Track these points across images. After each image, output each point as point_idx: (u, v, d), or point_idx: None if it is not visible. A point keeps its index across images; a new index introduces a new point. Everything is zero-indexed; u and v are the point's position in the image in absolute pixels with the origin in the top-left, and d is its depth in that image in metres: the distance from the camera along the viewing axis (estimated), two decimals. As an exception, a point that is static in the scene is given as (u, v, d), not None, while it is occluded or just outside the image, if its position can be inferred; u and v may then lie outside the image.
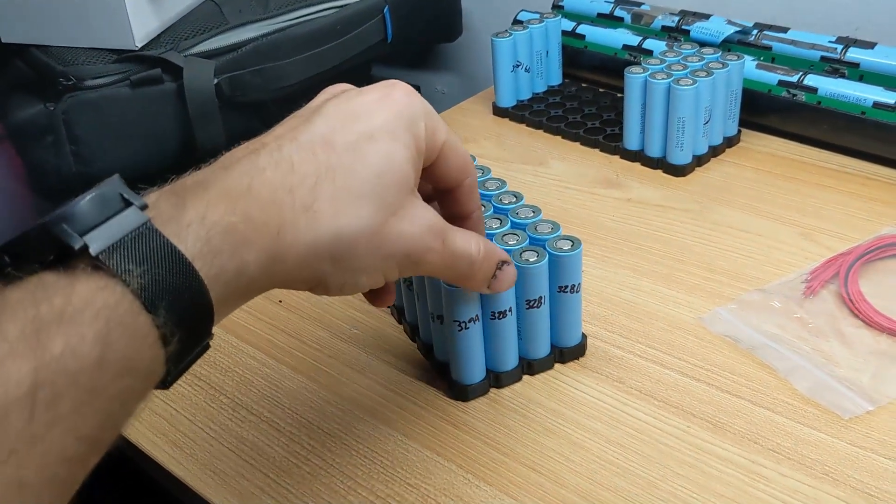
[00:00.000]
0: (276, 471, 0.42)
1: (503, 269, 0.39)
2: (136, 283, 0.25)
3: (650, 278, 0.53)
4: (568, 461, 0.41)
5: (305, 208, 0.30)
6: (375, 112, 0.33)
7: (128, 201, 0.27)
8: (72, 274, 0.25)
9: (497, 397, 0.45)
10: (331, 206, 0.31)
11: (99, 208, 0.27)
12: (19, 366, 0.23)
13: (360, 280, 0.33)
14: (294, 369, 0.48)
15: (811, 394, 0.44)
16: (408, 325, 0.50)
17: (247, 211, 0.29)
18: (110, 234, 0.26)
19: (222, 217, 0.28)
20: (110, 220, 0.26)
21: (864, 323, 0.48)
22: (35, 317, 0.24)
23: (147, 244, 0.26)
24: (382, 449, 0.43)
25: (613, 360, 0.47)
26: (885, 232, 0.55)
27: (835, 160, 0.64)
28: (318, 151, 0.32)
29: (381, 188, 0.32)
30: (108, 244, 0.26)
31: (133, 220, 0.27)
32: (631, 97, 0.63)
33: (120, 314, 0.25)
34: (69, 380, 0.24)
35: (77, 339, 0.24)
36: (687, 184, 0.63)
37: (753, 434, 0.42)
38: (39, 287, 0.25)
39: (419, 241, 0.34)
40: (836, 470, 0.39)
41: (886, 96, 0.60)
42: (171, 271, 0.26)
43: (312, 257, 0.31)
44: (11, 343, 0.23)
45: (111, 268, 0.25)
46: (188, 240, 0.27)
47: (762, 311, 0.49)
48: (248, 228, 0.29)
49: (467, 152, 0.37)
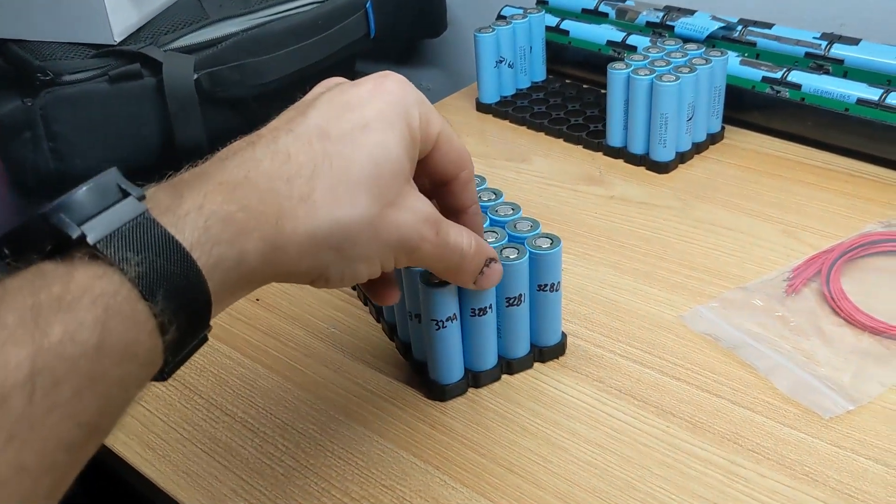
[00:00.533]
0: (249, 472, 0.41)
1: (490, 266, 0.39)
2: (133, 272, 0.26)
3: (631, 276, 0.53)
4: (546, 462, 0.41)
5: (303, 198, 0.31)
6: (369, 102, 0.33)
7: (125, 192, 0.28)
8: (70, 263, 0.25)
9: (475, 397, 0.45)
10: (329, 195, 0.31)
11: (96, 198, 0.27)
12: (18, 351, 0.23)
13: (359, 269, 0.33)
14: (270, 369, 0.48)
15: (792, 393, 0.43)
16: (386, 324, 0.49)
17: (244, 200, 0.29)
18: (108, 223, 0.26)
19: (220, 206, 0.29)
20: (108, 209, 0.27)
21: (846, 321, 0.47)
22: (34, 304, 0.24)
23: (144, 233, 0.27)
24: (358, 450, 0.42)
25: (593, 358, 0.47)
26: (867, 229, 0.54)
27: (818, 157, 0.64)
28: (314, 141, 0.32)
29: (378, 177, 0.32)
30: (105, 233, 0.26)
31: (131, 210, 0.27)
32: (614, 94, 0.63)
33: (118, 302, 0.25)
34: (68, 365, 0.24)
35: (76, 326, 0.24)
36: (670, 181, 0.63)
37: (733, 434, 0.41)
38: (38, 276, 0.25)
39: (414, 230, 0.34)
40: (815, 470, 0.39)
41: (870, 93, 0.60)
42: (169, 260, 0.27)
43: (313, 246, 0.31)
44: (10, 329, 0.23)
45: (109, 256, 0.26)
46: (185, 229, 0.28)
47: (743, 310, 0.49)
48: (247, 217, 0.29)
49: (463, 145, 0.37)
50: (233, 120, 0.74)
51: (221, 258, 0.28)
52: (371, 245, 0.33)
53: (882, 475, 0.38)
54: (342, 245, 0.32)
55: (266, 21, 0.75)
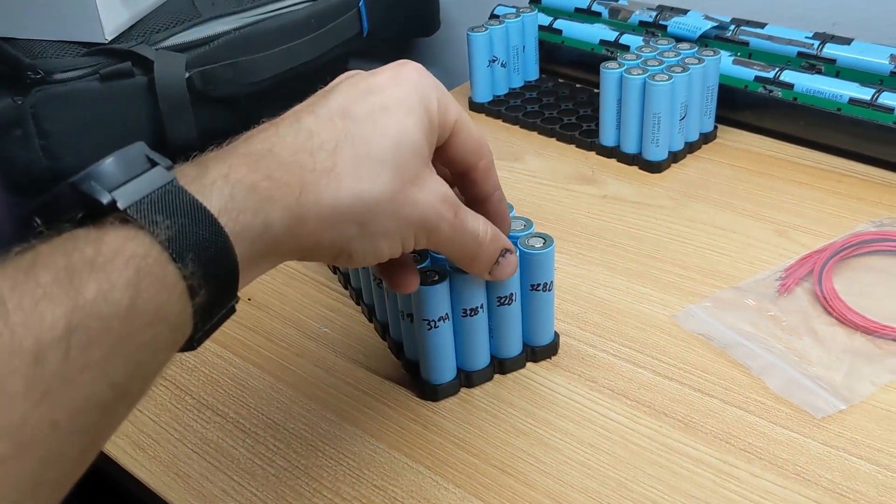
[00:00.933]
0: (241, 472, 0.41)
1: (506, 256, 0.40)
2: (163, 234, 0.26)
3: (624, 276, 0.53)
4: (538, 462, 0.41)
5: (326, 170, 0.31)
6: (389, 87, 0.34)
7: (153, 161, 0.28)
8: (101, 228, 0.26)
9: (468, 397, 0.45)
10: (351, 170, 0.32)
11: (124, 167, 0.27)
12: (54, 308, 0.23)
13: (381, 245, 0.34)
14: (261, 368, 0.48)
15: (784, 393, 0.43)
16: (378, 323, 0.49)
17: (268, 171, 0.30)
18: (137, 190, 0.27)
19: (245, 176, 0.29)
20: (137, 177, 0.27)
21: (838, 321, 0.47)
22: (67, 265, 0.24)
23: (173, 200, 0.27)
24: (349, 450, 0.42)
25: (586, 358, 0.47)
26: (860, 229, 0.54)
27: (811, 156, 0.64)
28: (337, 120, 0.33)
29: (398, 156, 0.33)
30: (135, 199, 0.27)
31: (159, 178, 0.28)
32: (606, 93, 0.63)
33: (149, 264, 0.26)
34: (102, 324, 0.24)
35: (108, 286, 0.24)
36: (663, 180, 0.63)
37: (725, 434, 0.41)
38: (70, 240, 0.25)
39: (434, 210, 0.35)
40: (807, 470, 0.39)
41: (862, 92, 0.60)
42: (198, 225, 0.27)
43: (335, 219, 0.32)
44: (45, 287, 0.23)
45: (139, 220, 0.26)
46: (212, 197, 0.28)
47: (736, 309, 0.49)
48: (271, 186, 0.30)
49: (480, 134, 0.38)
50: (225, 118, 0.73)
51: (247, 226, 0.29)
52: (392, 221, 0.33)
53: (874, 475, 0.38)
54: (364, 219, 0.32)
55: (258, 19, 0.74)
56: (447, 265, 0.41)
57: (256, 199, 0.29)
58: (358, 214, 0.32)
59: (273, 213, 0.30)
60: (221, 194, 0.29)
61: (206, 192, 0.28)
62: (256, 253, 0.30)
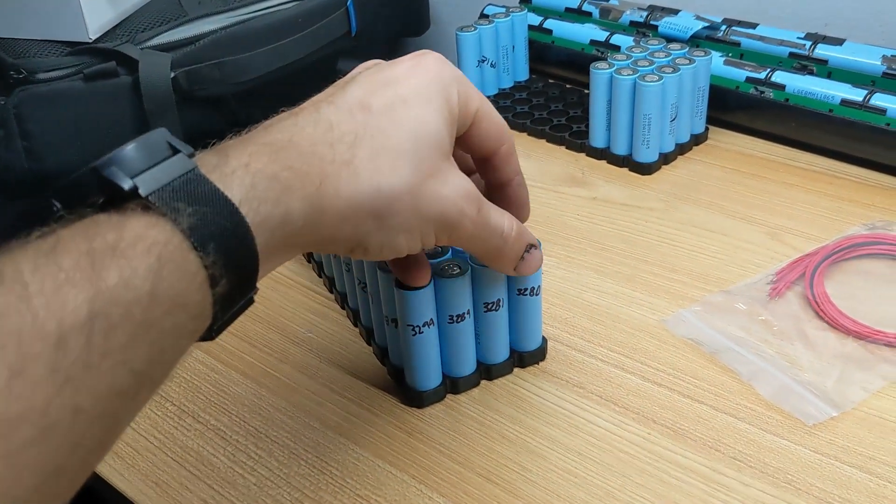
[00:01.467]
0: (221, 482, 0.40)
1: (531, 252, 0.39)
2: (185, 222, 0.26)
3: (614, 279, 0.52)
4: (525, 471, 0.40)
5: (346, 163, 0.31)
6: (408, 78, 0.34)
7: (175, 148, 0.28)
8: (122, 214, 0.26)
9: (454, 403, 0.44)
10: (370, 163, 0.32)
11: (146, 154, 0.27)
12: (76, 293, 0.23)
13: (399, 240, 0.33)
14: (244, 374, 0.47)
15: (774, 399, 0.42)
16: (363, 328, 0.48)
17: (289, 161, 0.30)
18: (159, 177, 0.27)
19: (265, 166, 0.29)
20: (158, 164, 0.27)
21: (830, 325, 0.47)
22: (89, 250, 0.24)
23: (195, 188, 0.27)
24: (332, 458, 0.41)
25: (574, 364, 0.46)
26: (851, 232, 0.54)
27: (802, 158, 0.63)
28: (356, 112, 0.33)
29: (418, 149, 0.33)
30: (157, 186, 0.27)
31: (181, 166, 0.27)
32: (596, 94, 0.62)
33: (170, 251, 0.25)
34: (123, 311, 0.24)
35: (130, 272, 0.24)
36: (653, 182, 0.62)
37: (715, 441, 0.40)
38: (91, 225, 0.25)
39: (455, 205, 0.34)
40: (798, 478, 0.38)
41: (854, 94, 0.59)
42: (220, 214, 0.27)
43: (354, 211, 0.31)
44: (67, 272, 0.23)
45: (161, 207, 0.26)
46: (233, 186, 0.28)
47: (726, 314, 0.48)
48: (291, 177, 0.30)
49: (501, 119, 0.38)
50: (212, 118, 0.72)
51: (268, 216, 0.29)
52: (411, 216, 0.33)
53: (865, 483, 0.38)
54: (383, 213, 0.32)
55: (246, 18, 0.73)
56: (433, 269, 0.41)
57: (277, 189, 0.29)
58: (377, 208, 0.32)
59: (293, 204, 0.30)
60: (242, 184, 0.28)
61: (227, 181, 0.28)
62: (275, 243, 0.29)
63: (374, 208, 0.32)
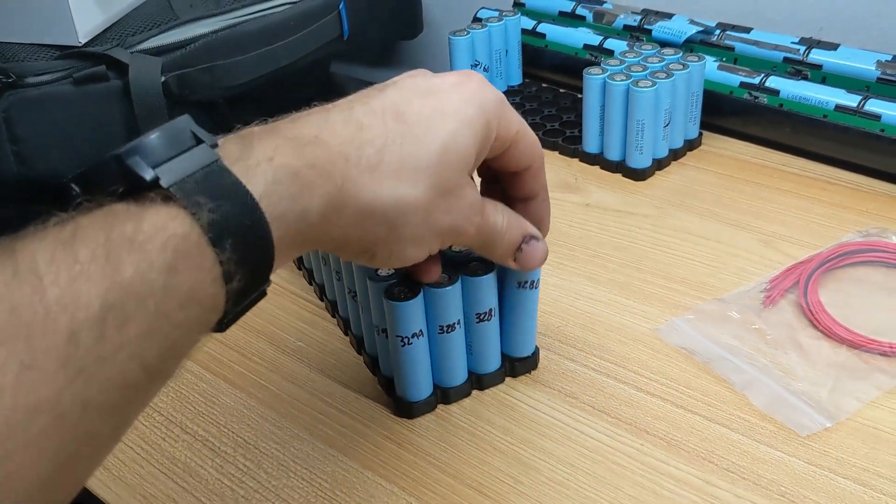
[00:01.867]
0: (209, 494, 0.40)
1: (530, 243, 0.39)
2: (206, 217, 0.26)
3: (607, 287, 0.52)
4: (516, 483, 0.39)
5: (371, 167, 0.31)
6: (451, 94, 0.34)
7: (198, 138, 0.28)
8: (142, 204, 0.26)
9: (445, 414, 0.43)
10: (395, 171, 0.32)
11: (169, 143, 0.27)
12: (90, 287, 0.23)
13: (408, 251, 0.34)
14: (232, 384, 0.46)
15: (768, 409, 0.42)
16: (354, 337, 0.48)
17: (313, 158, 0.30)
18: (181, 168, 0.27)
19: (290, 161, 0.29)
20: (181, 155, 0.27)
21: (824, 334, 0.46)
22: (106, 241, 0.24)
23: (217, 181, 0.27)
24: (321, 470, 0.41)
25: (567, 373, 0.45)
26: (846, 239, 0.53)
27: (797, 164, 0.63)
28: (388, 118, 0.32)
29: (443, 165, 0.33)
30: (179, 177, 0.26)
31: (204, 157, 0.27)
32: (590, 99, 0.62)
33: (187, 246, 0.25)
34: (137, 304, 0.24)
35: (146, 266, 0.24)
36: (647, 188, 0.62)
37: (708, 452, 0.40)
38: (110, 215, 0.25)
39: (465, 218, 0.35)
40: (792, 490, 0.38)
41: (848, 99, 0.59)
42: (241, 209, 0.27)
43: (369, 216, 0.32)
44: (83, 264, 0.23)
45: (182, 200, 0.26)
46: (255, 179, 0.28)
47: (720, 322, 0.48)
48: (313, 175, 0.30)
49: (536, 138, 0.38)
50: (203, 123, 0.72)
51: (286, 211, 0.29)
52: (423, 228, 0.33)
53: (860, 495, 0.37)
54: (396, 223, 0.32)
55: (237, 22, 0.73)
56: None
57: (298, 186, 0.29)
58: (391, 216, 0.32)
59: (312, 202, 0.29)
60: (265, 178, 0.28)
61: (249, 174, 0.28)
62: (291, 239, 0.29)
63: (388, 216, 0.32)
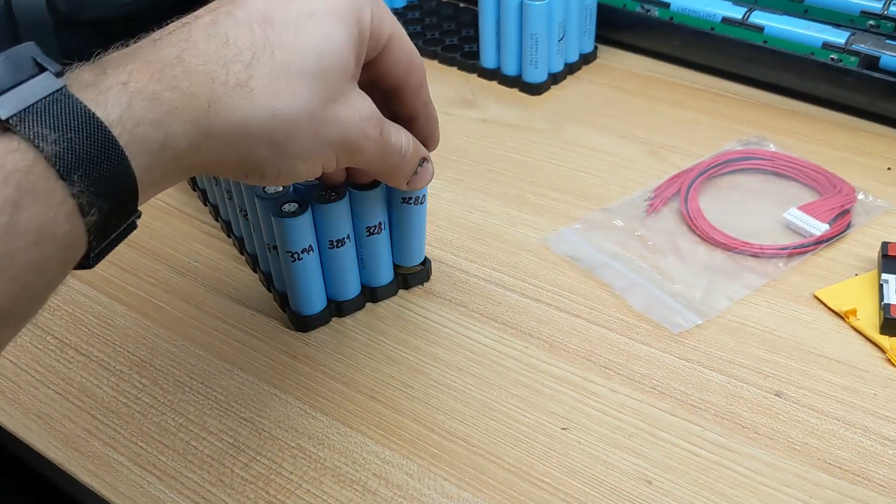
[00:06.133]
0: (104, 411, 0.40)
1: (423, 165, 0.39)
2: (50, 149, 0.25)
3: (500, 200, 0.53)
4: (406, 387, 0.41)
5: (240, 84, 0.29)
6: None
7: (42, 66, 0.26)
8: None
9: (339, 327, 0.45)
10: (268, 85, 0.30)
11: (9, 72, 0.26)
12: None
13: (298, 167, 0.32)
14: (128, 306, 0.46)
15: (645, 310, 0.45)
16: (249, 256, 0.48)
17: (174, 81, 0.28)
18: (22, 98, 0.25)
19: (146, 85, 0.27)
20: (22, 84, 0.25)
21: (701, 239, 0.49)
22: None
23: (62, 110, 0.25)
24: (217, 384, 0.42)
25: (458, 284, 0.47)
26: (727, 148, 0.56)
27: (687, 76, 0.64)
28: (256, 27, 0.30)
29: (321, 70, 0.31)
30: (19, 108, 0.25)
31: (48, 85, 0.26)
32: (485, 14, 0.62)
33: (31, 180, 0.24)
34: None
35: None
36: (543, 102, 0.63)
37: (587, 352, 0.42)
38: None
39: (357, 128, 0.33)
40: (663, 383, 0.41)
41: (734, 11, 0.61)
42: (89, 138, 0.25)
43: (245, 136, 0.30)
44: None
45: (23, 132, 0.24)
46: (106, 105, 0.26)
47: (604, 231, 0.50)
48: (175, 98, 0.28)
49: (415, 49, 0.36)
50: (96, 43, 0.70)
51: (145, 139, 0.27)
52: (310, 142, 0.32)
53: (724, 385, 0.40)
54: (278, 139, 0.31)
55: (125, -65, 0.70)
56: (311, 195, 0.41)
57: (158, 111, 0.27)
58: (272, 133, 0.30)
59: (175, 127, 0.28)
60: (118, 104, 0.27)
61: (100, 100, 0.26)
62: (157, 167, 0.28)
63: (269, 133, 0.30)
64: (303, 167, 0.33)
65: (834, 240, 0.48)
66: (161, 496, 0.36)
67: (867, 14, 0.58)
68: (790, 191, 0.52)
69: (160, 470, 0.38)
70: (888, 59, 0.55)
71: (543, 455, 0.37)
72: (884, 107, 0.57)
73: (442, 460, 0.37)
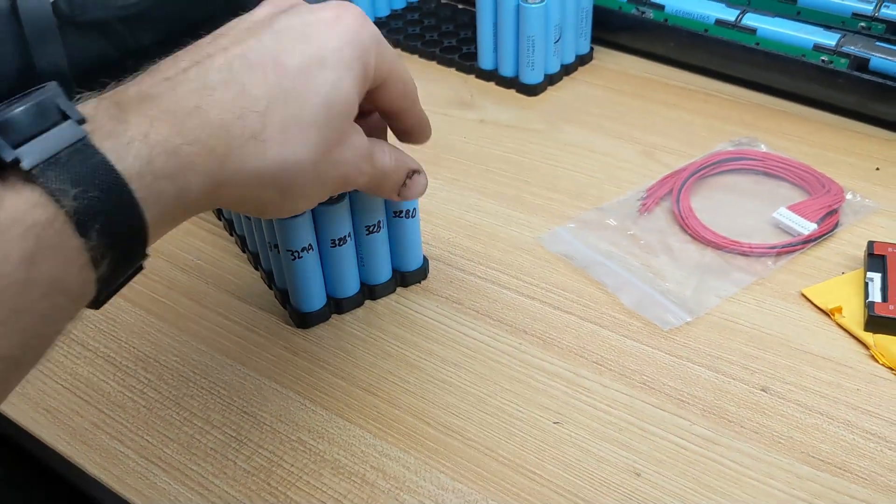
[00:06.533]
0: (111, 406, 0.42)
1: (413, 178, 0.40)
2: (69, 205, 0.25)
3: (496, 200, 0.54)
4: (403, 382, 0.42)
5: (254, 136, 0.30)
6: (328, 35, 0.33)
7: (65, 114, 0.26)
8: (2, 184, 0.24)
9: (338, 323, 0.46)
10: (279, 134, 0.31)
11: (34, 118, 0.26)
12: None
13: (299, 204, 0.34)
14: (132, 302, 0.48)
15: (636, 308, 0.46)
16: (250, 254, 0.50)
17: (194, 133, 0.29)
18: (45, 147, 0.25)
19: (167, 138, 0.28)
20: (46, 132, 0.26)
21: (692, 238, 0.50)
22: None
23: (83, 162, 0.26)
24: (220, 379, 0.43)
25: (454, 281, 0.48)
26: (718, 148, 0.57)
27: (680, 77, 0.66)
28: (270, 73, 0.31)
29: (329, 118, 0.32)
30: (42, 159, 0.25)
31: (70, 135, 0.26)
32: (483, 16, 0.63)
33: (50, 235, 0.24)
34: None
35: (2, 257, 0.23)
36: (539, 103, 0.64)
37: (579, 348, 0.44)
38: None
39: (355, 168, 0.35)
40: (652, 379, 0.42)
41: (727, 13, 0.62)
42: (107, 193, 0.26)
43: (257, 185, 0.31)
44: None
45: (45, 184, 0.25)
46: (128, 158, 0.27)
47: (598, 230, 0.51)
48: (194, 153, 0.29)
49: (410, 79, 0.38)
50: (99, 45, 0.71)
51: (162, 192, 0.28)
52: (314, 184, 0.33)
53: (712, 380, 0.42)
54: (285, 184, 0.32)
55: (128, -62, 0.71)
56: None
57: (176, 164, 0.28)
58: (280, 180, 0.32)
59: (191, 179, 0.29)
60: (138, 156, 0.27)
61: (122, 151, 0.26)
62: (168, 214, 0.29)
63: (278, 180, 0.32)
64: (303, 205, 0.35)
65: (822, 239, 0.49)
66: (166, 487, 0.38)
67: (858, 16, 0.59)
68: (780, 191, 0.53)
69: (165, 462, 0.39)
70: (878, 60, 0.56)
71: (536, 448, 0.39)
72: (873, 108, 0.58)
73: (438, 453, 0.39)
